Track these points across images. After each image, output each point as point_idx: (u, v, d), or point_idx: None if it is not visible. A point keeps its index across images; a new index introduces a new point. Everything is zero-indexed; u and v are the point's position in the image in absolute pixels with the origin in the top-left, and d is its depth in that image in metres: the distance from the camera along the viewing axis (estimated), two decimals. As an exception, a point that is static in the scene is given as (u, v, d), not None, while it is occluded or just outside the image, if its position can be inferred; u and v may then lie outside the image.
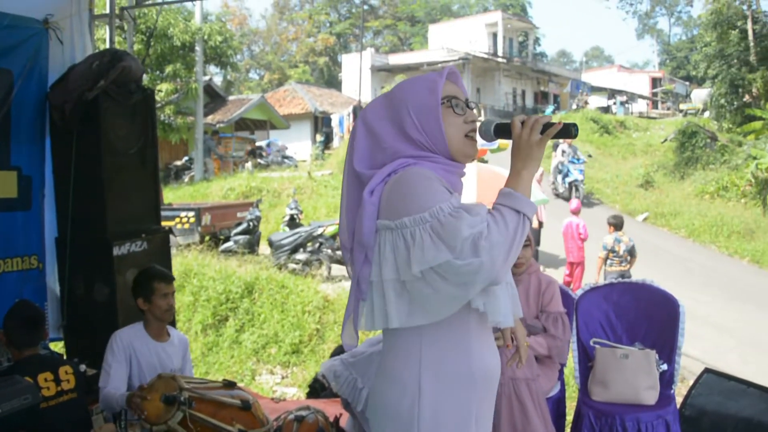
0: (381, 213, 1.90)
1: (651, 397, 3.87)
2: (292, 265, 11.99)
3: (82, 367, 3.88)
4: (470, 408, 1.96)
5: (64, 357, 4.53)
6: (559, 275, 11.34)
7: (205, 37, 23.36)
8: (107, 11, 5.61)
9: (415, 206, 1.80)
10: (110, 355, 3.82)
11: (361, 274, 1.95)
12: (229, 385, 3.81)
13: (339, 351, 5.34)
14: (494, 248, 1.72)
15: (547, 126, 1.92)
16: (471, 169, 10.97)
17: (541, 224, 12.64)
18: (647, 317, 4.20)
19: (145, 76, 5.04)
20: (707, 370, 4.24)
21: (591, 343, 4.17)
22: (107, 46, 5.61)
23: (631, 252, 10.18)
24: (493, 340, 2.11)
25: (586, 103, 41.26)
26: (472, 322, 1.96)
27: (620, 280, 4.44)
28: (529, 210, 1.83)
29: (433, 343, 1.93)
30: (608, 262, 10.24)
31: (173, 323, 4.89)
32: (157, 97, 20.92)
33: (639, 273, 9.46)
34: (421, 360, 1.92)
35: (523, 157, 1.91)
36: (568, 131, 1.95)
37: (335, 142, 30.10)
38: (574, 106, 41.20)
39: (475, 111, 2.09)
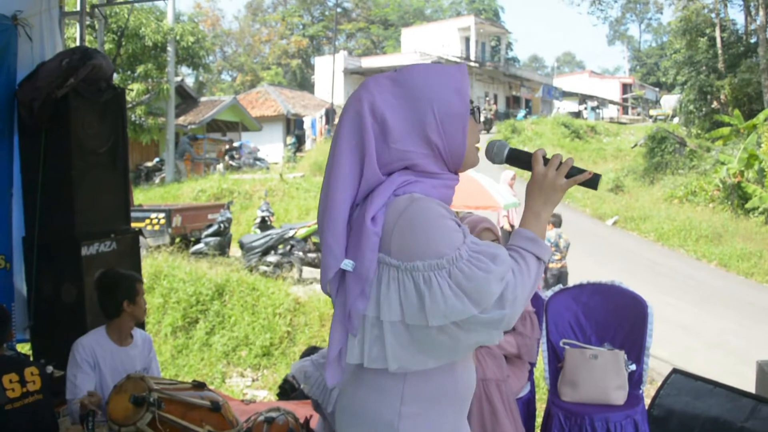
0: (383, 245, 1.72)
1: (620, 397, 3.89)
2: (263, 268, 11.95)
3: (49, 369, 3.85)
4: (451, 422, 1.88)
5: (31, 358, 4.47)
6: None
7: (177, 37, 23.24)
8: (78, 9, 5.56)
9: (430, 250, 1.65)
10: (74, 365, 3.76)
11: (354, 308, 1.75)
12: (199, 386, 3.79)
13: (310, 352, 5.35)
14: (518, 299, 1.65)
15: (575, 171, 1.84)
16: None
17: (512, 227, 12.73)
18: (616, 318, 4.23)
19: (116, 76, 5.01)
20: (675, 371, 4.28)
21: (561, 344, 4.20)
22: (78, 44, 5.56)
23: (567, 249, 10.36)
24: (472, 355, 2.01)
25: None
26: None
27: (589, 282, 4.45)
28: (548, 256, 1.78)
29: (417, 371, 1.79)
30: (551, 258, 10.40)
31: (142, 325, 4.86)
32: (128, 98, 20.80)
33: (607, 275, 9.56)
34: (405, 377, 1.79)
35: (545, 199, 1.83)
36: (594, 182, 1.87)
37: (307, 145, 30.07)
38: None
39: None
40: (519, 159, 1.92)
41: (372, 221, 1.71)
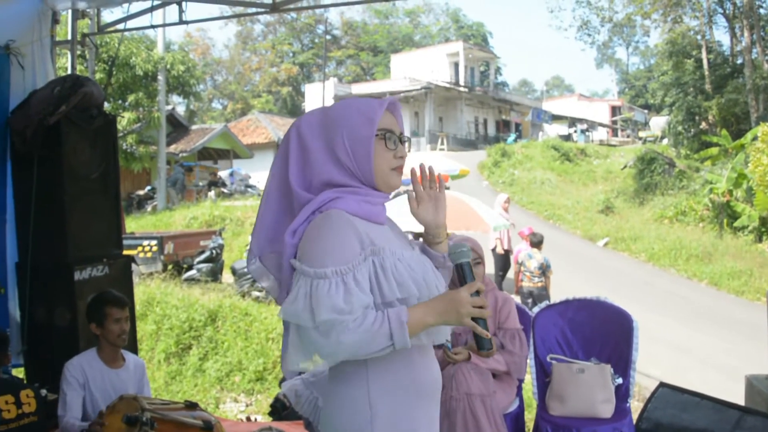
0: (297, 251, 1.94)
1: (607, 410, 3.95)
2: (255, 293, 11.96)
3: (43, 392, 3.87)
4: (420, 420, 1.99)
5: (25, 382, 4.50)
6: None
7: (168, 66, 23.34)
8: (69, 38, 5.64)
9: (312, 257, 1.86)
10: (65, 384, 3.83)
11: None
12: (191, 406, 3.82)
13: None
14: (343, 344, 1.78)
15: (481, 322, 1.90)
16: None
17: (507, 251, 12.60)
18: (602, 333, 4.29)
19: (107, 105, 5.08)
20: (662, 384, 4.33)
21: (548, 359, 4.25)
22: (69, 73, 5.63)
23: (543, 269, 10.27)
24: (432, 351, 2.13)
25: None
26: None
27: (575, 297, 4.51)
28: (401, 344, 1.82)
29: (378, 361, 1.93)
30: (521, 276, 10.36)
31: (135, 350, 4.89)
32: (120, 126, 20.86)
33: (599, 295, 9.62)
34: (368, 378, 1.94)
35: (443, 311, 1.88)
36: (483, 344, 1.97)
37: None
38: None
39: (407, 145, 2.12)
40: (459, 275, 2.04)
41: (291, 235, 1.96)
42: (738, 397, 5.27)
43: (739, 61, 27.73)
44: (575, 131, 46.16)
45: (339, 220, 1.90)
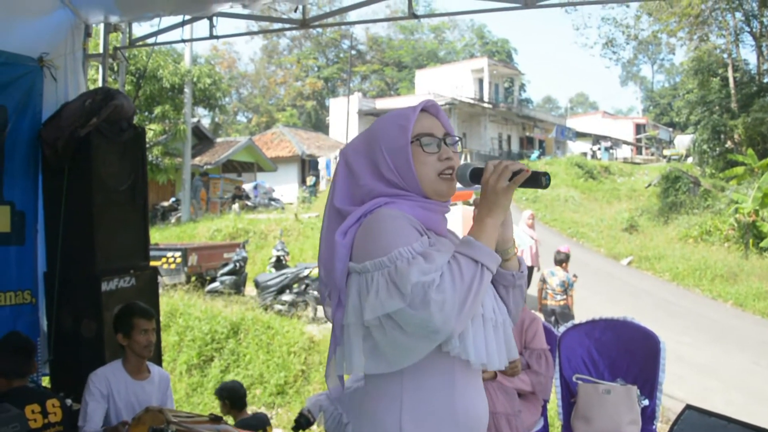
0: (352, 255, 1.85)
1: (633, 431, 3.92)
2: (278, 306, 11.98)
3: (69, 402, 3.90)
4: None
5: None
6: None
7: (195, 79, 23.52)
8: (101, 51, 5.71)
9: (378, 250, 1.75)
10: (87, 394, 3.85)
11: (335, 318, 1.91)
12: (216, 419, 3.83)
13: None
14: (447, 301, 1.64)
15: (517, 173, 1.81)
16: (456, 211, 11.04)
17: (530, 267, 12.43)
18: (629, 353, 4.26)
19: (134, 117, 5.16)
20: (689, 407, 4.28)
21: (574, 379, 4.22)
22: (99, 85, 5.69)
23: (564, 286, 10.14)
24: (480, 382, 2.01)
25: None
26: (457, 366, 1.87)
27: (602, 317, 4.47)
28: (489, 260, 1.75)
29: (415, 387, 1.85)
30: (543, 294, 10.26)
31: (159, 361, 4.91)
32: (146, 138, 21.04)
33: (622, 314, 9.52)
34: (402, 403, 1.84)
35: (489, 204, 1.83)
36: (538, 180, 1.84)
37: (322, 185, 30.26)
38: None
39: (457, 146, 2.03)
40: (479, 176, 1.91)
41: (342, 236, 1.87)
42: (765, 420, 5.21)
43: (766, 80, 27.53)
44: (599, 149, 46.03)
45: (393, 214, 1.83)
